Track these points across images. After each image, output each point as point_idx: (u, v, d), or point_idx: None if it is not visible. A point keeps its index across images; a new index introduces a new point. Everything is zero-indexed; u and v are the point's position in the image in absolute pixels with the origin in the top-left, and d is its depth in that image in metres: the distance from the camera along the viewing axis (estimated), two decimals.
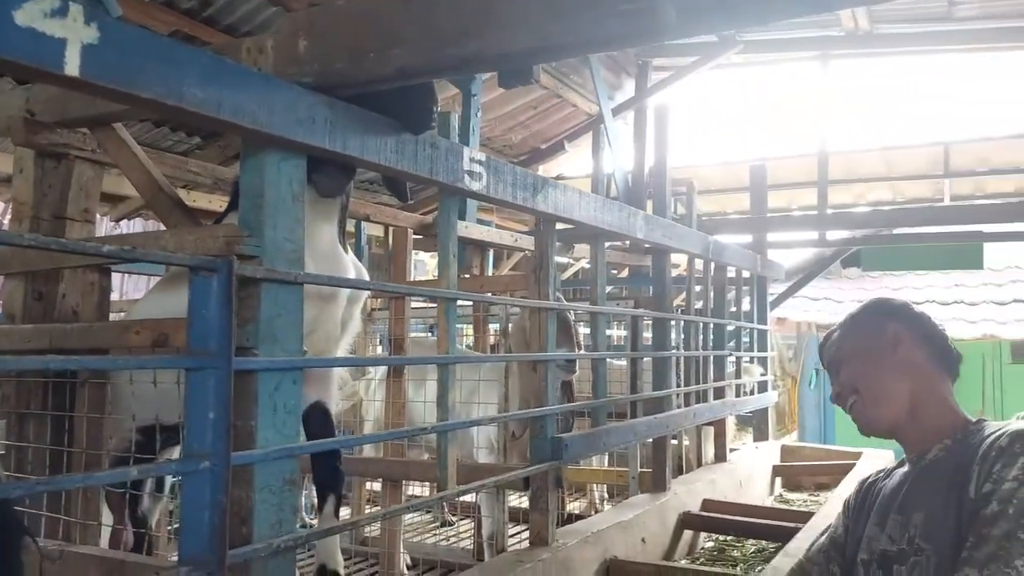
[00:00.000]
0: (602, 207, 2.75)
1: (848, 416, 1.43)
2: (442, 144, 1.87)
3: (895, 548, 1.31)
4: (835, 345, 1.46)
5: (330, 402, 1.88)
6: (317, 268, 1.71)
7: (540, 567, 2.30)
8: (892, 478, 1.43)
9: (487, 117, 5.84)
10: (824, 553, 1.54)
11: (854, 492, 1.54)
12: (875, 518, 1.39)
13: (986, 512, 1.17)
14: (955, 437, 1.34)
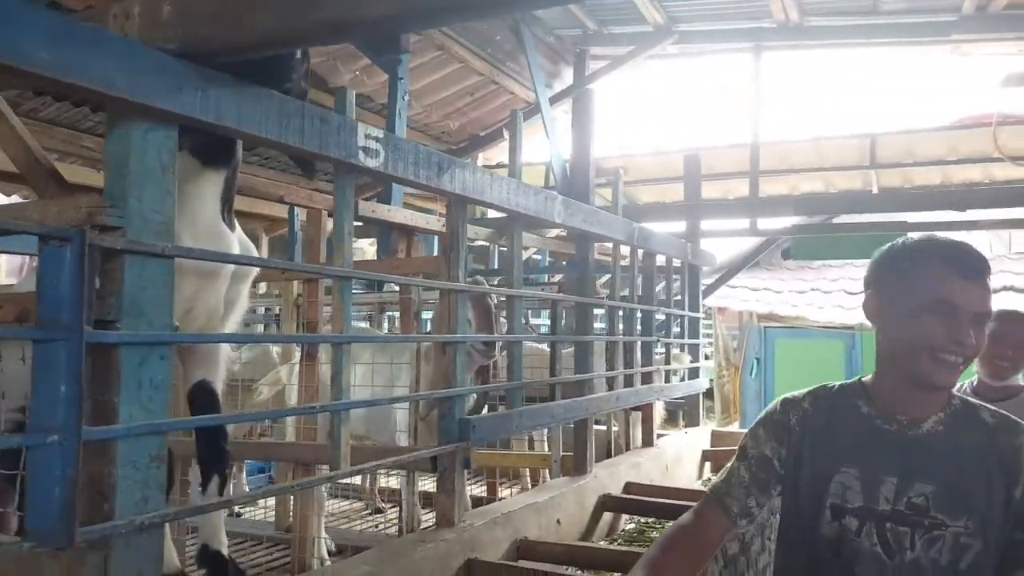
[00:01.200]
0: (516, 190, 2.75)
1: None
2: (333, 119, 1.85)
3: (888, 508, 1.35)
4: None
5: (216, 381, 1.84)
6: (197, 243, 1.67)
7: (442, 547, 2.31)
8: (847, 419, 1.44)
9: (423, 103, 5.80)
10: (745, 488, 1.54)
11: (782, 412, 1.53)
12: (845, 463, 1.41)
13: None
14: (947, 411, 1.39)
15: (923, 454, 1.37)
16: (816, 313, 8.82)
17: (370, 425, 3.41)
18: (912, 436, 1.39)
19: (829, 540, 1.42)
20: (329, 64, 4.82)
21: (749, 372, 10.86)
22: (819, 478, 1.44)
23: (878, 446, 1.40)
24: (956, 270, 1.34)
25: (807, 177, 6.79)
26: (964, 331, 1.32)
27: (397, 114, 4.13)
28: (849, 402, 1.48)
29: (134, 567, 1.42)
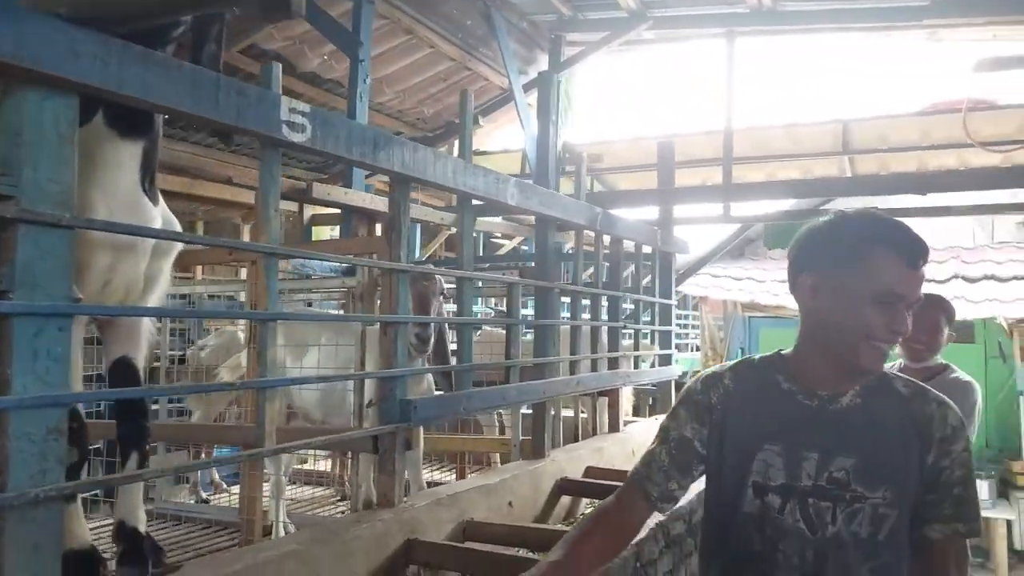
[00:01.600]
0: (463, 170, 2.73)
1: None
2: (251, 91, 1.82)
3: (810, 484, 1.37)
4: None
5: (137, 357, 1.83)
6: (113, 215, 1.65)
7: (379, 527, 2.30)
8: (769, 396, 1.45)
9: (395, 89, 5.77)
10: (664, 472, 1.54)
11: (703, 391, 1.53)
12: (767, 440, 1.41)
13: (951, 477, 1.37)
14: (864, 384, 1.42)
15: (843, 428, 1.39)
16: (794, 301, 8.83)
17: (325, 409, 3.41)
18: (832, 411, 1.41)
19: (752, 518, 1.42)
20: (296, 49, 4.79)
21: None
22: (741, 456, 1.45)
23: (800, 422, 1.41)
24: (907, 260, 1.33)
25: (783, 165, 6.79)
26: (903, 320, 1.34)
27: (358, 97, 4.11)
28: (771, 378, 1.48)
29: (30, 540, 1.41)
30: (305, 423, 3.49)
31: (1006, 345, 8.76)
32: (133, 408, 1.79)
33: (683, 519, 2.65)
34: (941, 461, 1.37)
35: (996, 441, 9.24)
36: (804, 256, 1.44)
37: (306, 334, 3.25)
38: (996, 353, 9.27)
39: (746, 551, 1.44)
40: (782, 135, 6.36)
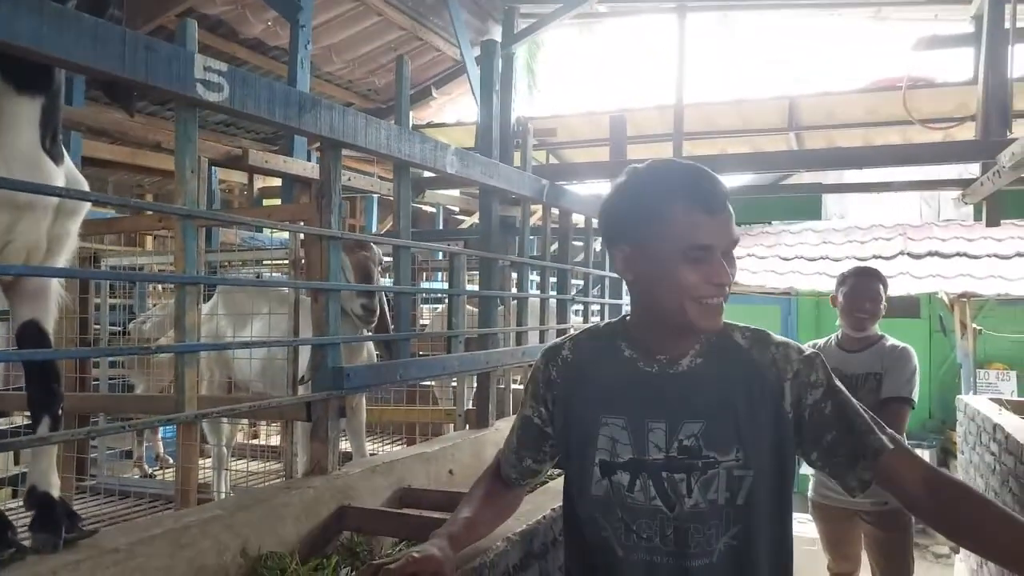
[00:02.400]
0: (398, 136, 2.70)
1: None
2: (162, 48, 1.77)
3: (661, 456, 1.27)
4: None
5: (46, 321, 1.78)
6: (10, 173, 1.60)
7: (310, 493, 2.29)
8: (610, 364, 1.35)
9: (344, 58, 5.67)
10: (516, 453, 1.55)
11: (543, 366, 1.45)
12: (609, 412, 1.31)
13: (831, 410, 1.28)
14: (703, 343, 1.33)
15: (686, 392, 1.29)
16: (750, 278, 8.99)
17: (266, 379, 3.38)
18: (673, 375, 1.31)
19: (602, 501, 1.31)
20: (238, 14, 4.67)
21: None
22: (586, 432, 1.34)
23: (641, 391, 1.31)
24: (702, 207, 1.22)
25: (733, 141, 6.86)
26: (720, 270, 1.23)
27: (299, 64, 4.02)
28: (613, 345, 1.38)
29: None
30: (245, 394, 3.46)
31: (947, 319, 9.06)
32: (43, 372, 1.75)
33: None
34: (805, 398, 1.28)
35: (938, 412, 9.58)
36: (610, 229, 1.35)
37: (247, 304, 3.21)
38: (939, 327, 9.59)
39: (599, 538, 1.32)
40: (731, 111, 6.42)
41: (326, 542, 2.34)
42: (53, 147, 1.73)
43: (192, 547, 1.86)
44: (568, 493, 1.44)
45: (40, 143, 1.68)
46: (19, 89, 1.65)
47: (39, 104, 1.67)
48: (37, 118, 1.68)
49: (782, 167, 4.92)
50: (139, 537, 1.75)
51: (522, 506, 2.22)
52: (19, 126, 1.65)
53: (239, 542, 2.00)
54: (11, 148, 1.62)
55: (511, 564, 1.88)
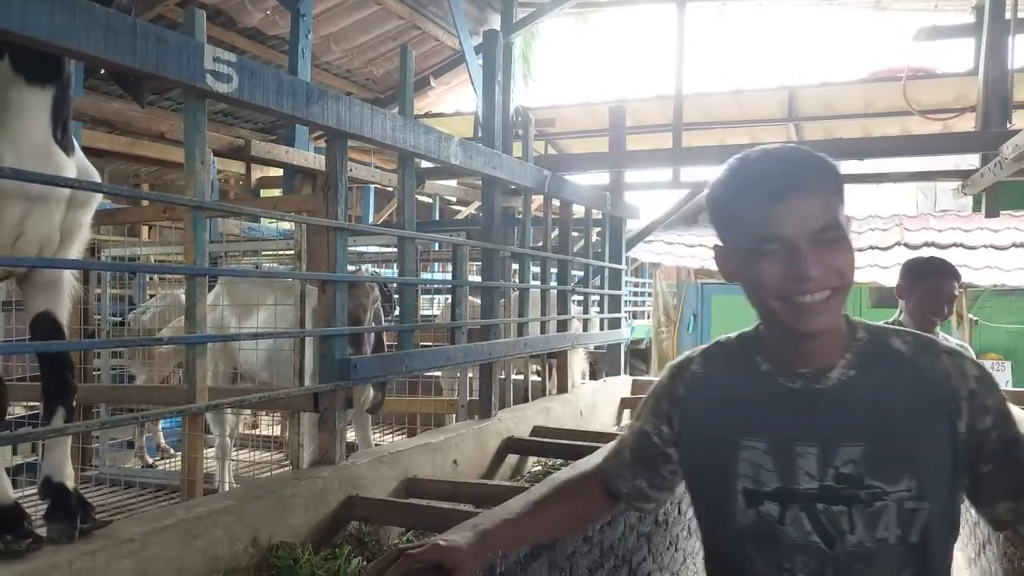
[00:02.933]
0: (403, 127, 2.70)
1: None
2: (172, 38, 1.77)
3: (815, 485, 1.10)
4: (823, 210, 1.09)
5: (60, 312, 1.78)
6: (22, 164, 1.60)
7: (319, 483, 2.31)
8: (746, 380, 1.20)
9: (343, 47, 5.65)
10: (629, 468, 1.35)
11: (668, 382, 1.31)
12: (749, 435, 1.16)
13: (997, 439, 1.10)
14: (854, 350, 1.16)
15: (841, 410, 1.12)
16: None
17: (272, 369, 3.38)
18: (822, 391, 1.14)
19: (750, 532, 1.16)
20: (237, 3, 4.64)
21: (686, 328, 11.11)
22: (722, 457, 1.19)
23: (785, 410, 1.15)
24: (764, 195, 1.10)
25: (732, 132, 6.87)
26: (802, 263, 1.08)
27: (300, 53, 4.00)
28: (748, 358, 1.22)
29: None
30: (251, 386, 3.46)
31: None
32: (57, 363, 1.75)
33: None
34: (978, 423, 1.10)
35: None
36: (714, 230, 1.23)
37: (250, 295, 3.21)
38: None
39: (752, 572, 1.17)
40: (731, 102, 6.42)
41: (335, 532, 2.35)
42: (64, 138, 1.72)
43: (204, 537, 1.87)
44: (705, 526, 1.28)
45: (51, 134, 1.68)
46: (30, 80, 1.64)
47: (50, 95, 1.67)
48: (48, 109, 1.67)
49: None
50: (152, 527, 1.76)
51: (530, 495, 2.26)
52: (30, 117, 1.65)
53: (250, 532, 2.02)
54: (22, 139, 1.62)
55: (522, 554, 1.90)
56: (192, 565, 1.83)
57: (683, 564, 3.74)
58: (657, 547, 3.25)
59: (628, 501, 1.36)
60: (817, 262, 1.08)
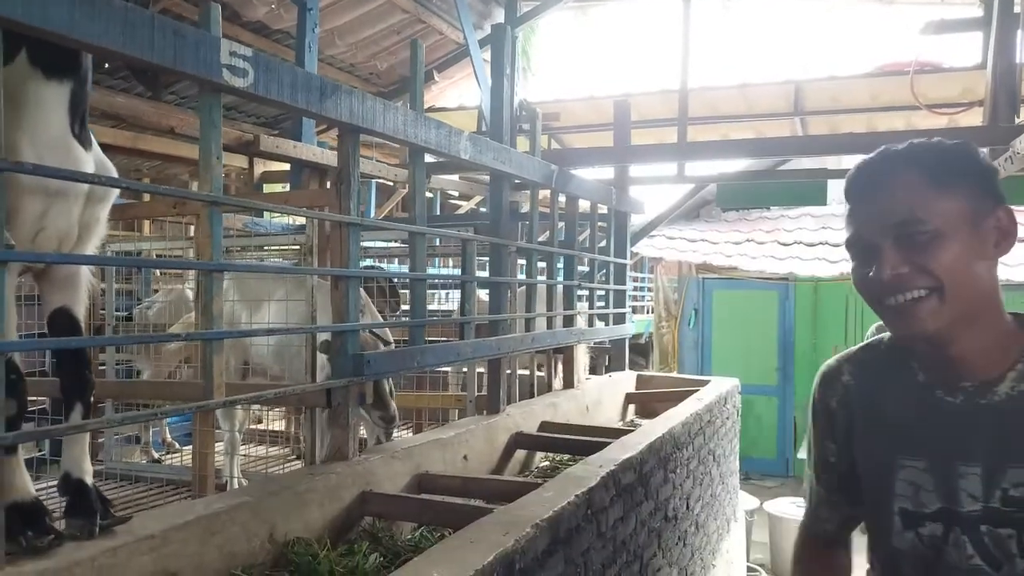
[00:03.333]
0: (414, 121, 2.69)
1: (890, 311, 1.02)
2: (189, 33, 1.76)
3: (978, 507, 1.03)
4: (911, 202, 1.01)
5: (77, 307, 1.77)
6: (41, 159, 1.58)
7: (333, 479, 2.31)
8: (901, 392, 1.12)
9: (347, 41, 5.63)
10: (827, 503, 1.28)
11: (821, 397, 1.24)
12: (906, 453, 1.09)
13: None
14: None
15: (1009, 429, 1.02)
16: (749, 263, 9.05)
17: (283, 363, 3.37)
18: (987, 407, 1.04)
19: (907, 556, 1.10)
20: None
21: (687, 323, 11.14)
22: (877, 475, 1.13)
23: (945, 427, 1.06)
24: (848, 194, 1.07)
25: (736, 126, 6.86)
26: (879, 261, 1.02)
27: (307, 47, 3.99)
28: (903, 366, 1.13)
29: None
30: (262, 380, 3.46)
31: None
32: (75, 359, 1.74)
33: (633, 469, 2.73)
34: None
35: None
36: None
37: (260, 290, 3.20)
38: None
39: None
40: (736, 96, 6.41)
41: (349, 527, 2.36)
42: (82, 132, 1.71)
43: (222, 534, 1.87)
44: (869, 540, 1.22)
45: (69, 128, 1.67)
46: (47, 74, 1.63)
47: (67, 89, 1.66)
48: (66, 103, 1.66)
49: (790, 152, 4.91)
50: (172, 524, 1.76)
51: (545, 492, 2.26)
52: (48, 111, 1.64)
53: (267, 528, 2.02)
54: (41, 134, 1.61)
55: (540, 550, 1.90)
56: (211, 561, 1.83)
57: (691, 559, 3.76)
58: (667, 542, 3.26)
59: (842, 535, 1.30)
60: (898, 260, 1.01)
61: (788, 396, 10.28)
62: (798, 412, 10.13)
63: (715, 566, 4.34)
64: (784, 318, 10.38)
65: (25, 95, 1.59)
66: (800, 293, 10.20)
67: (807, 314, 10.16)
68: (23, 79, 1.59)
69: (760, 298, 10.44)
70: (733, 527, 5.11)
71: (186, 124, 3.39)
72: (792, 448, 10.00)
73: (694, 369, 10.78)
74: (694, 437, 3.78)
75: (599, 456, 2.79)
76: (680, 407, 3.94)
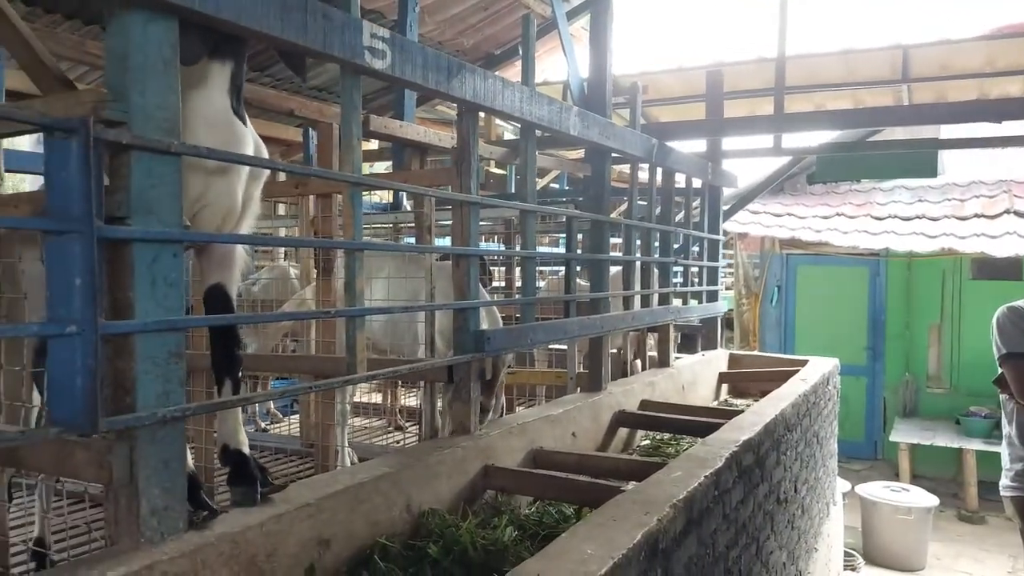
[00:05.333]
0: (529, 98, 2.68)
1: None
2: (337, 16, 1.79)
3: None
4: None
5: (231, 285, 1.85)
6: (209, 135, 1.64)
7: (459, 452, 2.36)
8: None
9: (435, 19, 5.63)
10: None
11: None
12: None
13: None
14: None
15: None
16: (840, 238, 8.68)
17: (393, 339, 3.46)
18: None
19: None
20: None
21: (770, 300, 10.83)
22: None
23: None
24: None
25: (835, 95, 6.56)
26: None
27: (408, 26, 4.02)
28: None
29: (160, 457, 1.47)
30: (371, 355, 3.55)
31: None
32: (227, 336, 1.82)
33: (752, 450, 2.68)
34: None
35: None
36: None
37: (373, 267, 3.28)
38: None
39: None
40: (837, 63, 6.11)
41: (473, 500, 2.41)
42: (240, 108, 1.76)
43: (368, 503, 1.94)
44: None
45: (231, 105, 1.72)
46: (210, 53, 1.68)
47: (228, 68, 1.71)
48: (227, 81, 1.71)
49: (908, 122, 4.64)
50: (324, 493, 1.83)
51: (674, 472, 2.25)
52: (213, 88, 1.69)
53: (404, 499, 2.08)
54: (208, 110, 1.67)
55: (677, 530, 1.90)
56: (358, 529, 1.90)
57: (797, 543, 3.69)
58: (778, 525, 3.21)
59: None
60: None
61: (877, 376, 9.90)
62: (888, 393, 9.76)
63: (817, 549, 4.25)
64: (875, 295, 9.97)
65: (191, 74, 1.64)
66: (893, 269, 9.76)
67: (900, 291, 9.72)
68: None
69: (849, 274, 10.05)
70: (832, 510, 5.00)
71: (304, 107, 3.48)
72: (882, 430, 9.66)
73: (776, 348, 10.49)
74: (802, 418, 3.69)
75: (715, 437, 2.75)
76: (786, 387, 3.85)
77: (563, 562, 1.51)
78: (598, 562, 1.51)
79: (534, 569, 1.48)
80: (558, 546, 1.63)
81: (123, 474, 1.44)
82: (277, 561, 1.66)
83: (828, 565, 4.65)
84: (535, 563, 1.52)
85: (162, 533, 1.48)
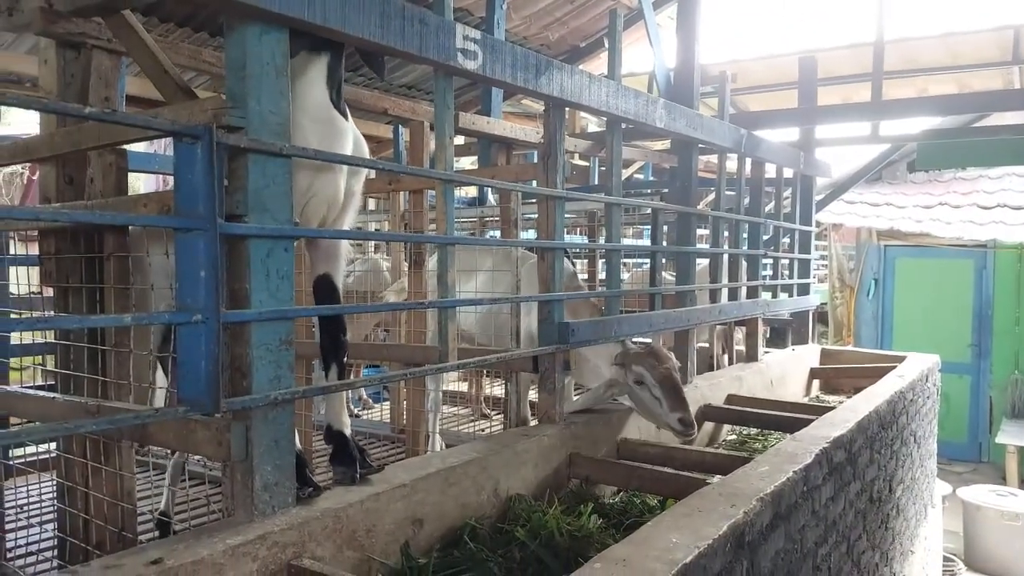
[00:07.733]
0: (615, 92, 2.70)
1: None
2: (431, 20, 1.87)
3: None
4: None
5: (336, 276, 1.95)
6: (313, 129, 1.74)
7: (545, 440, 2.42)
8: None
9: (521, 14, 5.68)
10: None
11: None
12: None
13: None
14: None
15: None
16: (944, 229, 8.21)
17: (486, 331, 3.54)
18: None
19: None
20: None
21: (866, 293, 10.36)
22: None
23: None
24: None
25: (937, 79, 6.20)
26: None
27: (495, 24, 4.09)
28: None
29: (272, 436, 1.60)
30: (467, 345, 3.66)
31: None
32: (333, 324, 1.94)
33: (843, 447, 2.62)
34: None
35: None
36: None
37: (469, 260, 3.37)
38: None
39: None
40: (938, 46, 5.77)
41: (558, 487, 2.47)
42: (339, 102, 1.85)
43: (457, 486, 2.03)
44: None
45: (330, 98, 1.81)
46: (309, 50, 1.77)
47: (326, 62, 1.79)
48: (325, 76, 1.79)
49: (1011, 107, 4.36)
50: (417, 475, 1.93)
51: (761, 467, 2.23)
52: (312, 82, 1.77)
53: (492, 483, 2.16)
54: (308, 105, 1.75)
55: (764, 524, 1.89)
56: (449, 511, 1.99)
57: (891, 544, 3.56)
58: (870, 525, 3.11)
59: None
60: None
61: (983, 374, 9.31)
62: (995, 392, 9.17)
63: (913, 552, 4.09)
64: (981, 289, 9.37)
65: (292, 70, 1.74)
66: (1002, 261, 9.14)
67: (1009, 284, 9.10)
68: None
69: (952, 267, 9.49)
70: (931, 513, 4.78)
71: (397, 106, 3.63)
72: (988, 431, 9.09)
73: (872, 343, 10.03)
74: (898, 416, 3.55)
75: (805, 433, 2.70)
76: (881, 384, 3.71)
77: (649, 549, 1.54)
78: (684, 550, 1.53)
79: (621, 554, 1.52)
80: (644, 533, 1.66)
81: (240, 451, 1.58)
82: (376, 537, 1.76)
83: (924, 569, 4.45)
84: (622, 548, 1.56)
85: (273, 507, 1.61)
